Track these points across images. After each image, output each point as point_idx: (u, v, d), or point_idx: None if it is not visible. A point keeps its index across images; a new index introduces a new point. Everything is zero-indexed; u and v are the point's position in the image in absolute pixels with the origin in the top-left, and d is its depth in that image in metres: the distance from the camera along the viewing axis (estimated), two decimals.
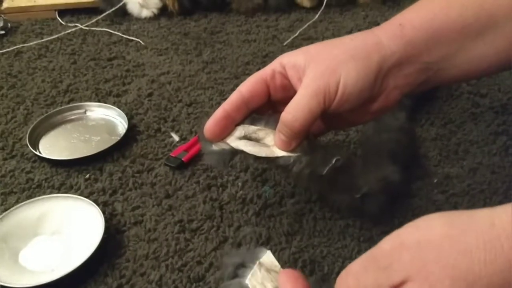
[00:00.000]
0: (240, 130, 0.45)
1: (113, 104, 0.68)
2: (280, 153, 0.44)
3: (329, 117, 0.46)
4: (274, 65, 0.45)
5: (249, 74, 0.49)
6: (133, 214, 0.52)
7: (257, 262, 0.38)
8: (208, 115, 0.46)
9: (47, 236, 0.48)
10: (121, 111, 0.65)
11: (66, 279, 0.43)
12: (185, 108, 0.68)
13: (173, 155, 0.59)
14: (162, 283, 0.44)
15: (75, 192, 0.55)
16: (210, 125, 0.45)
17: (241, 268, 0.38)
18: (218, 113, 0.45)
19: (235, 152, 0.46)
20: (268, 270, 0.38)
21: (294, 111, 0.42)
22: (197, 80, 0.74)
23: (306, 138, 0.44)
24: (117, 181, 0.56)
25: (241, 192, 0.54)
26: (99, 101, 0.69)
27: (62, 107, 0.68)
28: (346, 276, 0.32)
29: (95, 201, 0.52)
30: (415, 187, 0.53)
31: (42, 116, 0.66)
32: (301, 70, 0.43)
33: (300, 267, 0.45)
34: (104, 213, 0.50)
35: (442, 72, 0.44)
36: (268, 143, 0.45)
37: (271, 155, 0.44)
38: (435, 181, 0.53)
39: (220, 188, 0.55)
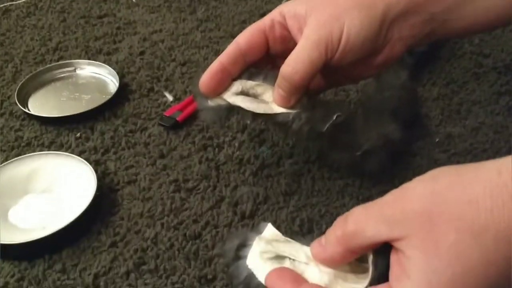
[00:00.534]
0: (237, 85, 0.43)
1: (104, 62, 0.66)
2: (278, 109, 0.42)
3: (330, 72, 0.44)
4: (273, 15, 0.43)
5: None
6: (126, 173, 0.50)
7: (256, 238, 0.37)
8: (203, 69, 0.43)
9: (38, 194, 0.47)
10: (112, 69, 0.63)
11: (58, 236, 0.42)
12: (179, 67, 0.66)
13: (167, 115, 0.57)
14: (157, 241, 0.43)
15: (66, 151, 0.53)
16: (206, 78, 0.42)
17: (241, 248, 0.37)
18: (214, 66, 0.42)
19: (232, 108, 0.44)
20: (269, 242, 0.37)
21: (294, 63, 0.40)
22: (191, 38, 0.72)
23: (305, 94, 0.42)
24: (109, 140, 0.55)
25: (238, 152, 0.53)
26: (89, 59, 0.67)
27: (52, 64, 0.65)
28: (345, 219, 0.31)
29: (87, 160, 0.50)
30: (416, 146, 0.51)
31: (31, 74, 0.63)
32: (302, 19, 0.41)
33: (298, 225, 0.44)
34: (96, 171, 0.49)
35: (448, 24, 0.42)
36: (267, 99, 0.43)
37: (269, 112, 0.42)
38: (437, 140, 0.52)
39: (216, 149, 0.53)
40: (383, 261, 0.30)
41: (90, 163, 0.50)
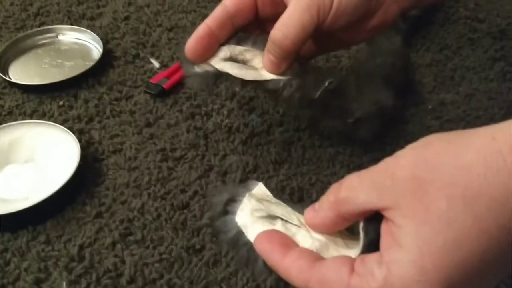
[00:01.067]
0: (225, 51, 0.41)
1: (87, 27, 0.63)
2: (268, 76, 0.40)
3: (322, 36, 0.43)
4: None
5: None
6: (111, 143, 0.49)
7: (247, 195, 0.36)
8: (189, 34, 0.41)
9: (20, 164, 0.46)
10: (95, 35, 0.61)
11: (41, 206, 0.40)
12: (165, 33, 0.64)
13: (153, 82, 0.55)
14: (144, 211, 0.42)
15: (49, 119, 0.51)
16: (192, 43, 0.40)
17: (230, 203, 0.36)
18: (200, 30, 0.40)
19: (219, 74, 0.42)
20: (260, 200, 0.36)
21: (285, 28, 0.38)
22: (178, 3, 0.69)
23: (296, 60, 0.41)
24: (93, 108, 0.53)
25: (227, 120, 0.51)
26: (71, 25, 0.64)
27: (32, 30, 0.63)
28: (339, 186, 0.30)
29: (70, 129, 0.48)
30: (409, 113, 0.50)
31: (11, 40, 0.61)
32: None
33: (288, 194, 0.43)
34: (80, 141, 0.47)
35: None
36: (256, 66, 0.42)
37: (259, 79, 0.41)
38: (430, 107, 0.51)
39: (205, 117, 0.52)
40: (373, 228, 0.29)
41: (74, 132, 0.48)
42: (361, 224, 0.30)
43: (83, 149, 0.46)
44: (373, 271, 0.27)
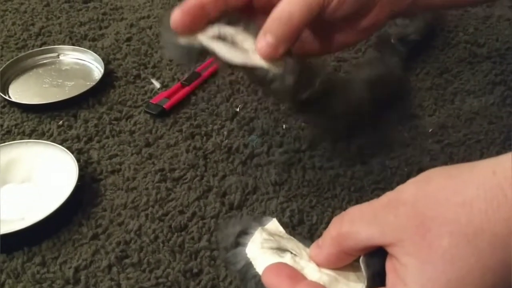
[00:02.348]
0: (214, 29, 0.38)
1: (89, 48, 0.64)
2: (259, 62, 0.37)
3: (319, 29, 0.42)
4: None
5: None
6: (110, 163, 0.49)
7: (259, 228, 0.35)
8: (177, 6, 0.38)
9: (17, 183, 0.45)
10: (97, 56, 0.61)
11: (37, 227, 0.40)
12: None
13: (154, 102, 0.55)
14: (141, 233, 0.42)
15: (48, 139, 0.51)
16: (180, 12, 0.37)
17: (242, 235, 0.35)
18: (191, 1, 0.37)
19: (205, 52, 0.39)
20: (271, 234, 0.35)
21: (291, 5, 0.36)
22: None
23: (289, 54, 0.38)
24: (93, 128, 0.53)
25: (226, 141, 0.51)
26: (73, 45, 0.65)
27: (34, 50, 0.63)
28: (341, 220, 0.30)
29: (69, 149, 0.48)
30: (409, 136, 0.50)
31: (12, 59, 0.61)
32: None
33: (288, 217, 0.43)
34: (78, 161, 0.47)
35: None
36: (247, 48, 0.38)
37: (248, 63, 0.37)
38: (430, 130, 0.51)
39: (204, 137, 0.52)
40: (375, 261, 0.29)
41: (73, 152, 0.48)
42: (362, 258, 0.29)
43: (81, 169, 0.46)
44: None
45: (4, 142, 0.50)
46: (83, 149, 0.50)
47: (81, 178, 0.44)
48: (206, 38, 0.38)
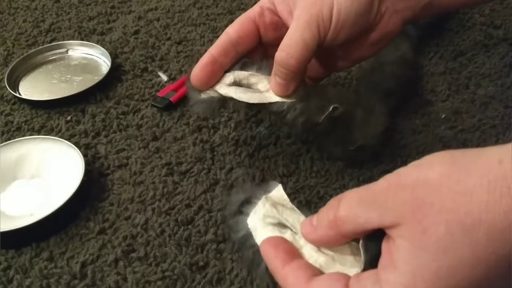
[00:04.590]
0: (230, 76, 0.42)
1: (97, 42, 0.64)
2: (273, 98, 0.40)
3: (326, 55, 0.43)
4: (263, 2, 0.41)
5: (244, 10, 0.45)
6: (117, 157, 0.49)
7: (263, 197, 0.36)
8: (198, 58, 0.42)
9: (26, 180, 0.45)
10: (104, 50, 0.61)
11: (44, 222, 0.40)
12: (174, 46, 0.64)
13: (161, 95, 0.55)
14: (148, 227, 0.42)
15: (56, 135, 0.51)
16: (196, 71, 0.41)
17: (245, 204, 0.36)
18: (204, 59, 0.41)
19: (224, 99, 0.42)
20: (274, 204, 0.35)
21: (288, 48, 0.38)
22: (187, 16, 0.69)
23: (302, 83, 0.40)
24: (100, 123, 0.53)
25: (233, 133, 0.50)
26: (82, 40, 0.65)
27: (43, 46, 0.63)
28: (338, 203, 0.29)
29: (77, 144, 0.48)
30: (421, 123, 0.49)
31: (21, 57, 0.61)
32: (291, 2, 0.39)
33: (296, 207, 0.42)
34: (86, 156, 0.47)
35: None
36: (261, 89, 0.41)
37: (264, 101, 0.40)
38: (443, 116, 0.49)
39: (212, 130, 0.51)
40: (374, 245, 0.28)
41: (80, 147, 0.48)
42: (361, 242, 0.29)
43: (89, 164, 0.46)
44: None
45: (15, 138, 0.50)
46: (90, 144, 0.50)
47: (88, 173, 0.44)
48: (223, 86, 0.41)
